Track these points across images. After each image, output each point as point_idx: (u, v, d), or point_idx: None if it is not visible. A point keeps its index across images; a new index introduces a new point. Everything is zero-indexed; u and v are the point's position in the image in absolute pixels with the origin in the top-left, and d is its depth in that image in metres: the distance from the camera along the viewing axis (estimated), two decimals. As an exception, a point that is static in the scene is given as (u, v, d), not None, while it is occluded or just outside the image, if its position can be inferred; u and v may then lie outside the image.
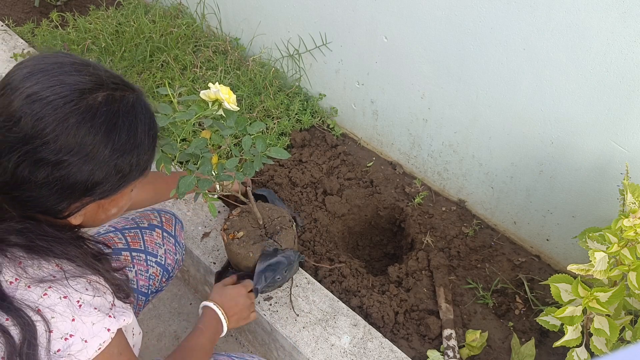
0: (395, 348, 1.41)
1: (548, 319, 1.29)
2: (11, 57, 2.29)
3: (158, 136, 0.89)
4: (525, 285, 1.64)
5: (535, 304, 1.61)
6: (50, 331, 0.76)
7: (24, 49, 2.35)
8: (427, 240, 1.77)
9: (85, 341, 0.79)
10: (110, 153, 0.78)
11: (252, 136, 1.20)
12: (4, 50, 2.35)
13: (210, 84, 1.09)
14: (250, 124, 1.20)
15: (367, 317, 1.54)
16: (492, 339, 1.53)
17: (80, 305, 0.80)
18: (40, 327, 0.76)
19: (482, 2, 1.41)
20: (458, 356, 1.46)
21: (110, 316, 0.83)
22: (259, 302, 1.48)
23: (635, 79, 1.23)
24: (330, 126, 2.14)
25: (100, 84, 0.79)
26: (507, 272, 1.70)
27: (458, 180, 1.85)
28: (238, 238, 1.40)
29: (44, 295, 0.77)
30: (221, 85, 1.10)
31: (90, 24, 2.44)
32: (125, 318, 0.86)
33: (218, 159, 1.18)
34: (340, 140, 2.11)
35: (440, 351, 1.48)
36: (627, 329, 1.21)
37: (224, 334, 1.21)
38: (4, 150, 0.74)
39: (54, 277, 0.79)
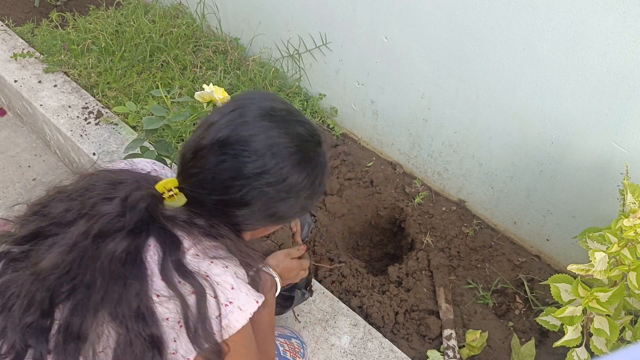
0: (395, 348, 1.41)
1: (548, 319, 1.29)
2: (11, 57, 2.29)
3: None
4: (525, 285, 1.64)
5: (535, 304, 1.61)
6: (216, 297, 0.85)
7: (23, 49, 2.35)
8: (427, 240, 1.76)
9: (241, 309, 0.88)
10: (307, 195, 0.91)
11: None
12: (3, 50, 2.35)
13: (204, 85, 1.10)
14: None
15: (367, 317, 1.54)
16: (492, 339, 1.53)
17: (237, 277, 0.90)
18: (209, 294, 0.84)
19: (482, 2, 1.41)
20: (458, 356, 1.46)
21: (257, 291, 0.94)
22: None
23: (635, 79, 1.23)
24: (330, 126, 2.14)
25: (314, 137, 0.92)
26: (507, 272, 1.70)
27: (458, 180, 1.85)
28: None
29: (210, 263, 0.87)
30: (215, 86, 1.11)
31: (90, 24, 2.44)
32: (263, 299, 0.95)
33: None
34: (340, 140, 2.11)
35: (440, 351, 1.48)
36: (627, 329, 1.21)
37: (277, 294, 1.29)
38: (242, 176, 0.85)
39: (227, 254, 0.90)
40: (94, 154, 1.87)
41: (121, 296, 0.80)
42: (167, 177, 1.13)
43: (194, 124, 1.39)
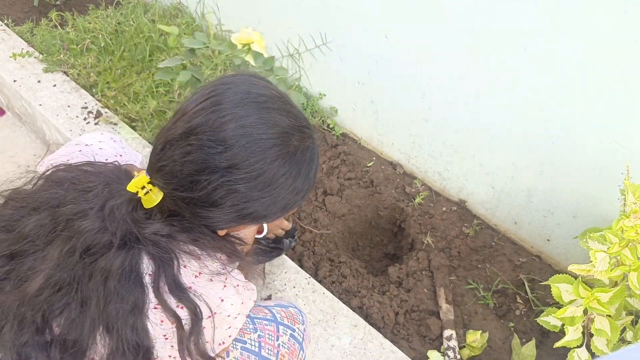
0: (395, 349, 1.41)
1: (549, 320, 1.28)
2: (10, 57, 2.29)
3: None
4: (526, 286, 1.64)
5: (536, 305, 1.60)
6: (228, 316, 0.88)
7: (23, 49, 2.34)
8: (427, 241, 1.76)
9: (246, 315, 0.94)
10: (288, 194, 0.83)
11: (277, 77, 1.25)
12: (3, 50, 2.35)
13: (242, 27, 1.17)
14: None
15: (367, 317, 1.53)
16: (492, 339, 1.53)
17: (245, 290, 0.93)
18: (207, 314, 0.84)
19: (482, 2, 1.40)
20: (458, 357, 1.46)
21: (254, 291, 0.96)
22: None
23: (635, 79, 1.23)
24: (331, 126, 2.14)
25: (300, 129, 0.83)
26: (507, 272, 1.69)
27: (459, 180, 1.84)
28: None
29: (224, 287, 0.87)
30: (255, 31, 1.17)
31: (90, 24, 2.43)
32: (254, 290, 0.98)
33: None
34: (340, 140, 2.11)
35: (440, 352, 1.48)
36: (628, 330, 1.21)
37: (263, 235, 1.36)
38: (207, 170, 0.77)
39: (224, 270, 0.88)
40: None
41: (117, 312, 0.79)
42: (133, 161, 1.10)
43: (226, 66, 1.50)
